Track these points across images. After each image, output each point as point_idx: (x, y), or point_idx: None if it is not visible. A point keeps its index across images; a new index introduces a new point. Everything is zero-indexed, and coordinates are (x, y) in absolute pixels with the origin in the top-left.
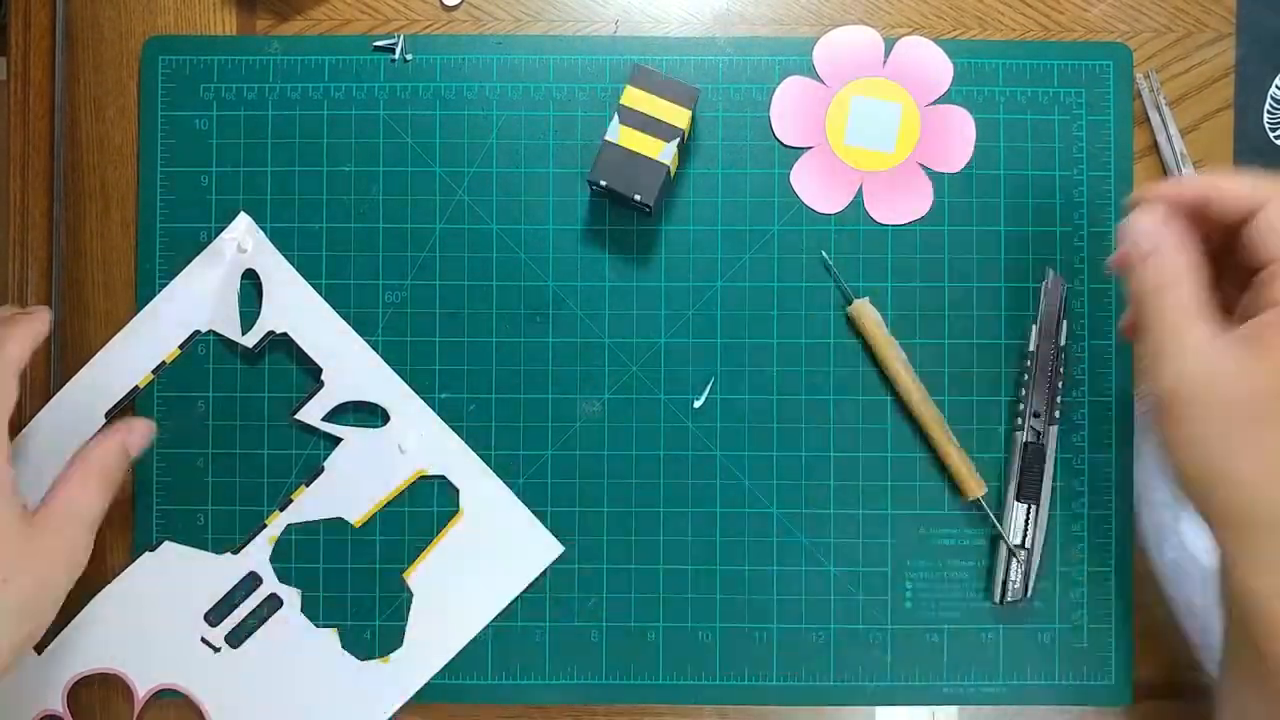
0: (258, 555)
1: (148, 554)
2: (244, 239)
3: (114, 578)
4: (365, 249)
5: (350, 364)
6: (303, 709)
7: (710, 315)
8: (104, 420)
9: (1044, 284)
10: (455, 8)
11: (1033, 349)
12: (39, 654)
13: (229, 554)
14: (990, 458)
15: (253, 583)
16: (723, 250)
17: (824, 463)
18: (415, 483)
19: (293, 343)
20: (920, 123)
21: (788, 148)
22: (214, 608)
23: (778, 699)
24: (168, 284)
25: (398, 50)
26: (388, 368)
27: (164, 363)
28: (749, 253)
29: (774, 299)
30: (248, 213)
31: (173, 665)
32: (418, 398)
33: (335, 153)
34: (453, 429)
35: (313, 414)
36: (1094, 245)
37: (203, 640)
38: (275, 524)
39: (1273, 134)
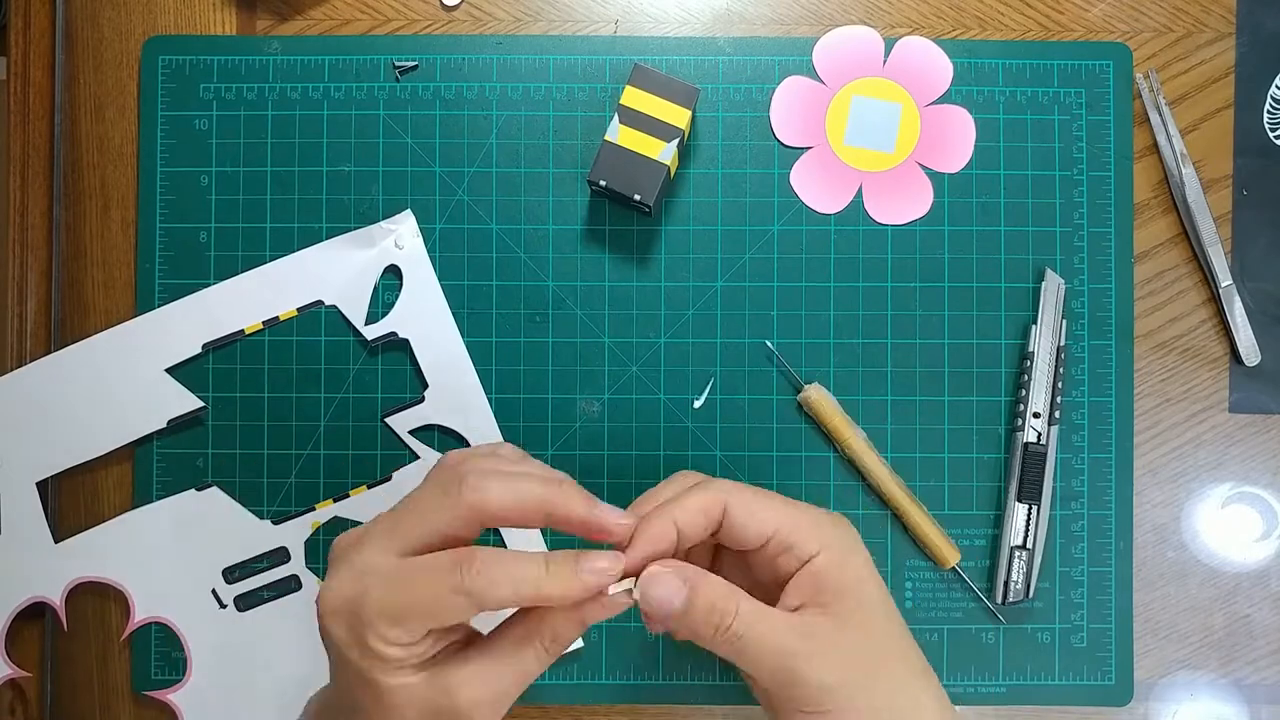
0: (295, 533)
1: (194, 491)
2: (403, 237)
3: (157, 499)
4: None
5: (456, 391)
6: (278, 693)
7: (710, 315)
8: (199, 349)
9: (1043, 284)
10: (455, 8)
11: (1032, 349)
12: (56, 543)
13: (269, 522)
14: (990, 458)
15: (280, 557)
16: (723, 250)
17: (824, 463)
18: None
19: (410, 350)
20: (920, 123)
21: (788, 148)
22: (235, 566)
23: None
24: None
25: (403, 73)
26: (488, 407)
27: (278, 318)
28: (749, 253)
29: (774, 299)
30: (247, 213)
31: (176, 604)
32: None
33: (335, 153)
34: None
35: (402, 423)
36: (1094, 245)
37: (213, 593)
38: (324, 511)
39: (1273, 134)
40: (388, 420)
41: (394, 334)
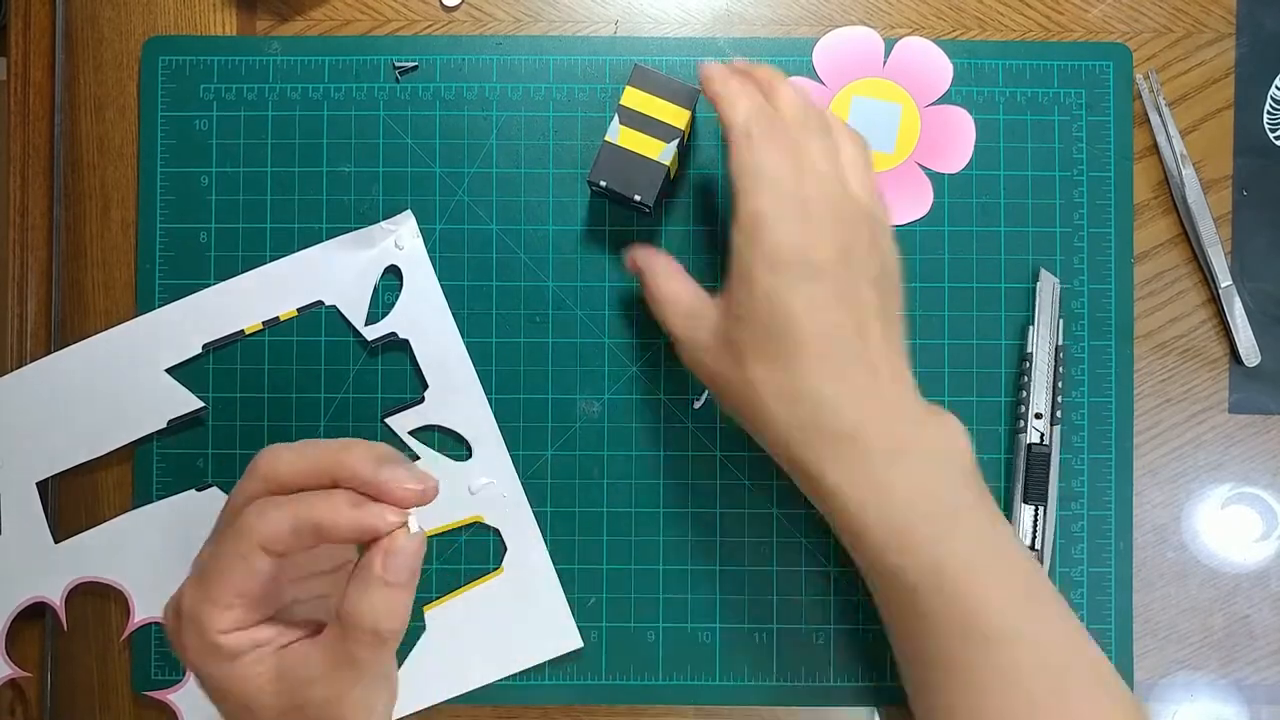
0: None
1: (194, 492)
2: (403, 237)
3: (157, 500)
4: None
5: (456, 392)
6: None
7: None
8: (199, 350)
9: (1038, 284)
10: (455, 8)
11: (1031, 350)
12: (56, 543)
13: None
14: (990, 458)
15: None
16: (723, 250)
17: None
18: (470, 525)
19: (410, 351)
20: (920, 123)
21: None
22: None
23: (778, 699)
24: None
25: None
26: (489, 409)
27: (278, 318)
28: None
29: None
30: (248, 213)
31: None
32: (505, 450)
33: (335, 153)
34: None
35: (402, 424)
36: (1093, 246)
37: None
38: None
39: (1273, 134)
40: (388, 420)
41: (394, 334)
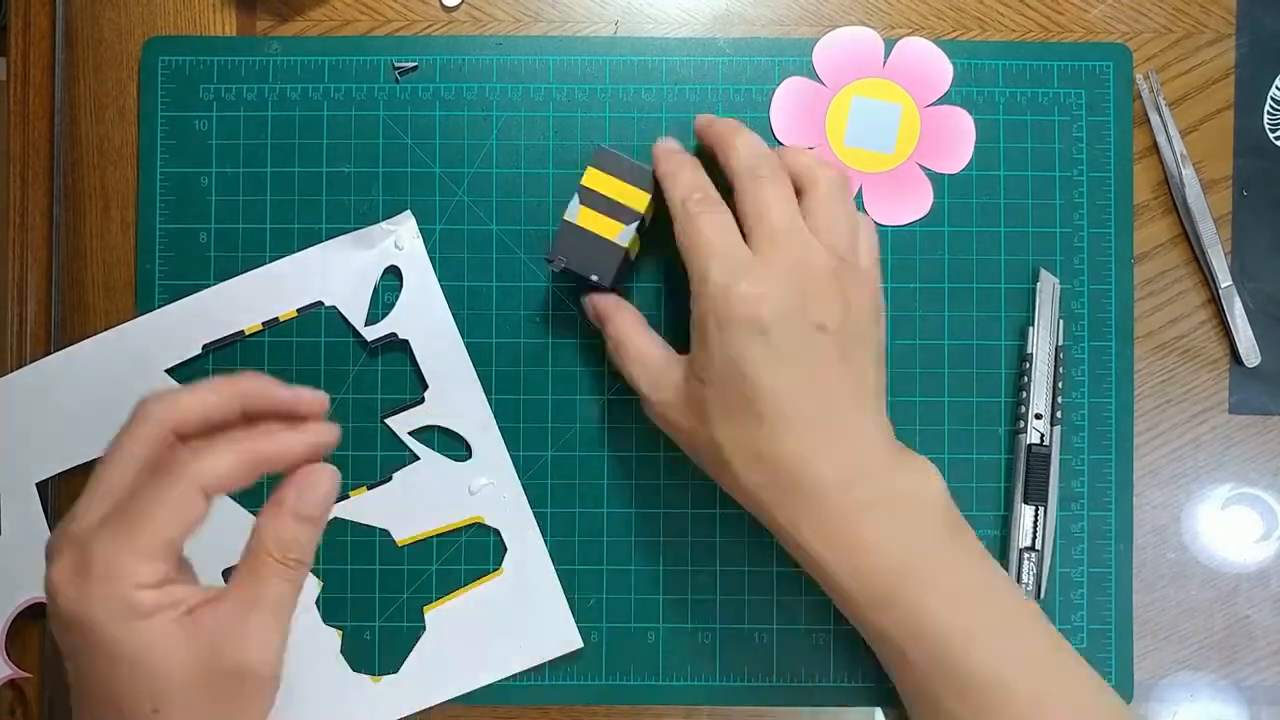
0: None
1: None
2: (403, 238)
3: None
4: None
5: (456, 393)
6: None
7: None
8: (199, 350)
9: (1037, 284)
10: (455, 8)
11: (1031, 350)
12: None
13: None
14: (991, 458)
15: None
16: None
17: None
18: (470, 526)
19: (410, 351)
20: (920, 123)
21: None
22: (234, 567)
23: (778, 699)
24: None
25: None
26: (489, 411)
27: (278, 318)
28: None
29: None
30: (248, 214)
31: None
32: (505, 451)
33: (335, 153)
34: None
35: (402, 425)
36: (1093, 246)
37: None
38: None
39: (1273, 134)
40: (388, 421)
41: (394, 335)
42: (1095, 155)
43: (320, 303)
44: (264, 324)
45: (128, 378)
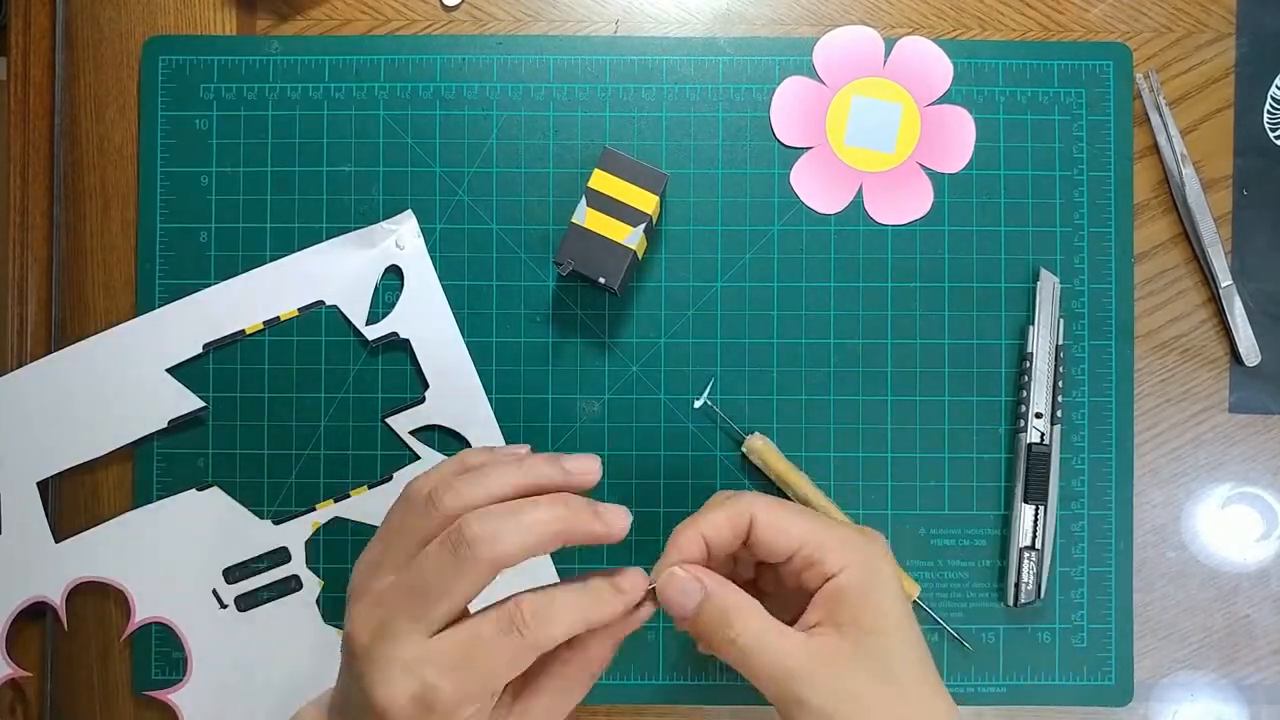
0: (296, 534)
1: (194, 491)
2: (404, 237)
3: (158, 500)
4: None
5: (457, 392)
6: (278, 693)
7: (710, 315)
8: (199, 349)
9: (1038, 284)
10: (455, 8)
11: (1031, 349)
12: (56, 543)
13: (269, 522)
14: (991, 458)
15: (281, 557)
16: (723, 250)
17: (824, 463)
18: None
19: (411, 351)
20: (920, 123)
21: (788, 148)
22: (236, 567)
23: None
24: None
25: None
26: (489, 409)
27: (279, 318)
28: (749, 253)
29: (774, 299)
30: (248, 213)
31: (177, 604)
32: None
33: (335, 153)
34: None
35: (403, 424)
36: (1094, 245)
37: (213, 593)
38: (325, 511)
39: (1273, 134)
40: (388, 420)
41: (395, 334)
42: (1095, 155)
43: (321, 302)
44: (265, 323)
45: (128, 377)
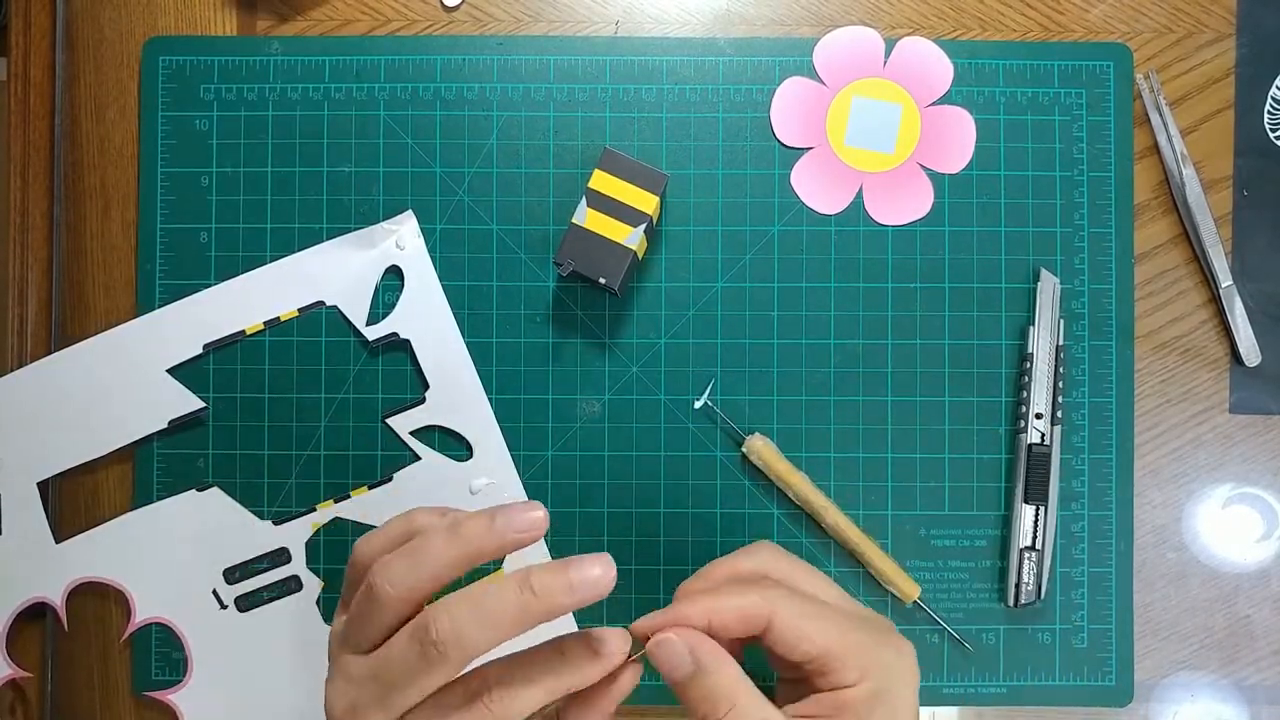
0: (296, 534)
1: (195, 492)
2: (404, 237)
3: (158, 500)
4: None
5: (457, 392)
6: (278, 694)
7: (710, 315)
8: (200, 350)
9: (1038, 284)
10: (455, 8)
11: (1031, 350)
12: (56, 543)
13: (270, 523)
14: (990, 458)
15: (281, 557)
16: (723, 251)
17: (824, 464)
18: None
19: (411, 351)
20: (920, 123)
21: (788, 148)
22: (237, 567)
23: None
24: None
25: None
26: (489, 409)
27: (279, 318)
28: (749, 253)
29: (774, 299)
30: (248, 213)
31: (177, 605)
32: (506, 450)
33: (335, 153)
34: None
35: (403, 424)
36: (1094, 246)
37: (214, 593)
38: (325, 512)
39: (1273, 134)
40: (388, 421)
41: (395, 334)
42: (1095, 155)
43: (321, 302)
44: (265, 323)
45: (128, 377)
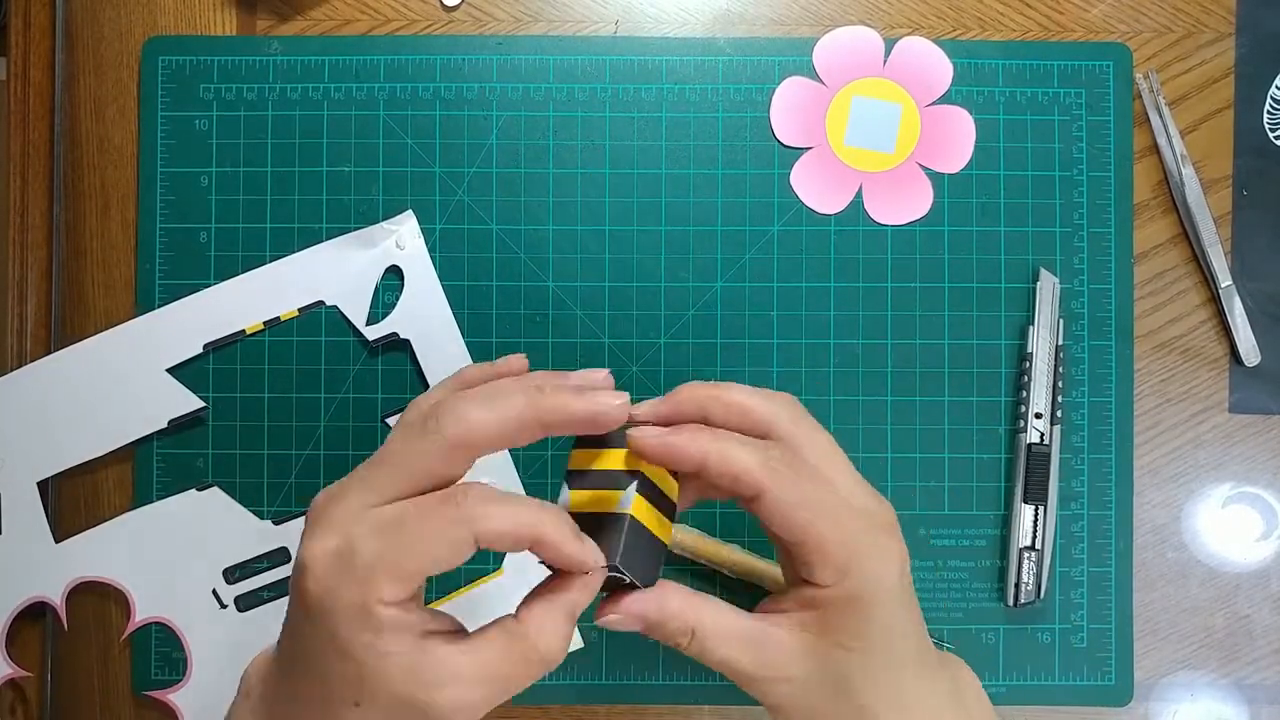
0: (296, 534)
1: (194, 491)
2: (404, 237)
3: (158, 500)
4: None
5: None
6: None
7: (710, 315)
8: (200, 349)
9: (1038, 284)
10: (455, 8)
11: (1031, 350)
12: (56, 543)
13: (270, 522)
14: (990, 458)
15: (281, 557)
16: (723, 250)
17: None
18: None
19: (411, 351)
20: (920, 123)
21: (788, 148)
22: (236, 567)
23: None
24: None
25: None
26: None
27: (279, 318)
28: (749, 253)
29: (774, 299)
30: (248, 213)
31: (177, 604)
32: (506, 451)
33: (335, 153)
34: None
35: None
36: (1093, 246)
37: (213, 593)
38: None
39: (1273, 134)
40: (389, 421)
41: (395, 334)
42: (1095, 155)
43: (321, 302)
44: (265, 323)
45: (128, 377)
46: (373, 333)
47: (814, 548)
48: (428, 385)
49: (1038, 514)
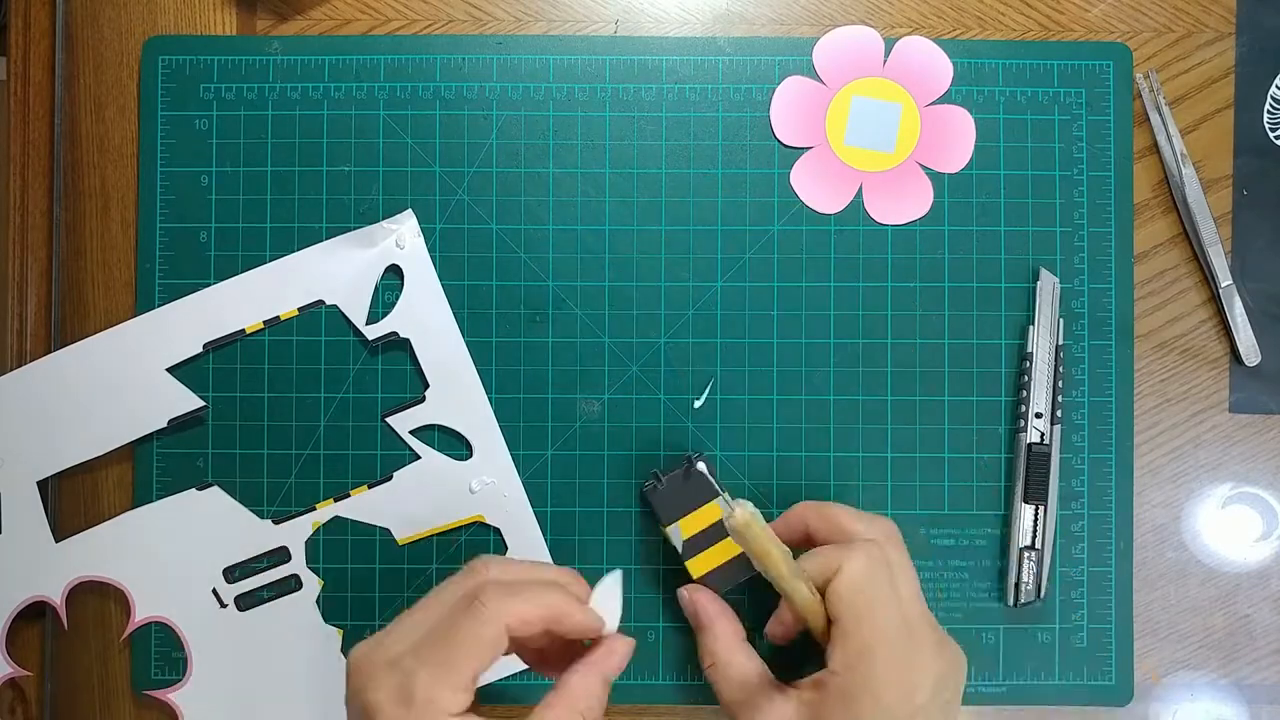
0: (296, 533)
1: (195, 491)
2: (404, 236)
3: (158, 499)
4: None
5: (457, 392)
6: (278, 693)
7: (710, 315)
8: (199, 349)
9: (1038, 284)
10: None
11: (1031, 349)
12: (56, 543)
13: (269, 522)
14: (990, 458)
15: (281, 557)
16: (723, 250)
17: (823, 463)
18: (470, 525)
19: (411, 350)
20: (920, 123)
21: (788, 148)
22: (236, 566)
23: None
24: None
25: None
26: (489, 409)
27: (279, 317)
28: (749, 253)
29: (774, 299)
30: (248, 213)
31: (177, 604)
32: (506, 450)
33: (335, 153)
34: None
35: (403, 424)
36: (1093, 245)
37: (213, 592)
38: (325, 510)
39: (1273, 134)
40: (388, 420)
41: (395, 334)
42: (1095, 155)
43: (321, 301)
44: (265, 323)
45: (128, 377)
46: (372, 332)
47: (823, 539)
48: (428, 384)
49: (1038, 514)
